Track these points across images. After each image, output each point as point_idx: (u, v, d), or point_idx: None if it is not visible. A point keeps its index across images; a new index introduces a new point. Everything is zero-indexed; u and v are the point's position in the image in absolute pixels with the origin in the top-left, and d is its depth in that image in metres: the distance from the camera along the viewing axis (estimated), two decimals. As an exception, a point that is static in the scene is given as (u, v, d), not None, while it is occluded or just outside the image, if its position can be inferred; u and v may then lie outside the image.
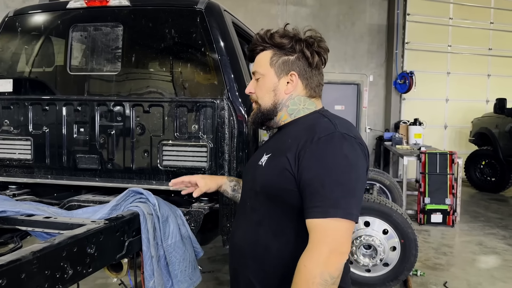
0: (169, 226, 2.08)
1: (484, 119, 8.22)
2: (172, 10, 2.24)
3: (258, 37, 1.38)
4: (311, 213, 1.14)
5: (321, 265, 1.09)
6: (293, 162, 1.20)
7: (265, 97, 1.37)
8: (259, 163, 1.33)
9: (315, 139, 1.19)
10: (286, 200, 1.23)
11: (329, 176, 1.14)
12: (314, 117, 1.35)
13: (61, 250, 1.49)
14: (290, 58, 1.34)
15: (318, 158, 1.17)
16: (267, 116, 1.38)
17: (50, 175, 2.41)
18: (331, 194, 1.13)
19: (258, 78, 1.38)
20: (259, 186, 1.29)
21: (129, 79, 2.27)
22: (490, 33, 9.82)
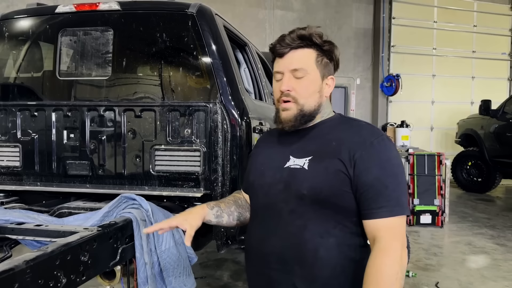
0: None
1: (469, 120, 8.33)
2: (163, 14, 2.22)
3: (298, 34, 1.32)
4: (377, 213, 1.19)
5: (398, 260, 1.15)
6: (348, 164, 1.22)
7: (310, 98, 1.33)
8: (293, 166, 1.30)
9: (368, 143, 1.24)
10: (338, 202, 1.23)
11: (390, 177, 1.21)
12: (344, 119, 1.40)
13: (54, 259, 1.46)
14: (328, 61, 1.35)
15: (376, 160, 1.22)
16: (308, 118, 1.35)
17: (39, 182, 2.36)
18: (394, 194, 1.20)
19: (301, 76, 1.32)
20: (305, 189, 1.25)
21: (120, 84, 2.25)
22: (473, 36, 10.00)
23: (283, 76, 1.33)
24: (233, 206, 1.52)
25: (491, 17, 10.09)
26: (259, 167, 1.43)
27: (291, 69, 1.31)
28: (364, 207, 1.21)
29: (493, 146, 7.38)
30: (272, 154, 1.41)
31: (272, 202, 1.33)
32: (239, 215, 1.52)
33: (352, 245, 1.26)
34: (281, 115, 1.35)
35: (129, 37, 2.27)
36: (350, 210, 1.24)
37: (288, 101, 1.32)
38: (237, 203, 1.54)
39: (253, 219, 1.43)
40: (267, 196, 1.35)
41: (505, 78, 10.42)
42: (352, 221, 1.26)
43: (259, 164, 1.43)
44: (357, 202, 1.23)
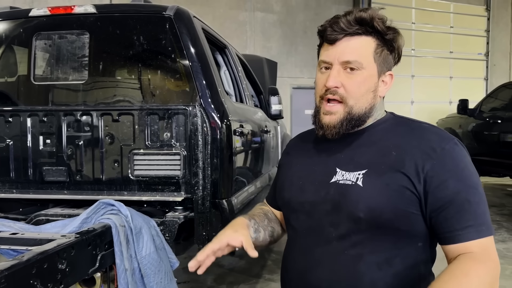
0: (142, 238, 2.03)
1: (448, 119, 8.48)
2: (140, 17, 2.20)
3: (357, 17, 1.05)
4: (462, 235, 0.95)
5: (492, 274, 0.94)
6: (416, 179, 0.99)
7: (363, 98, 1.08)
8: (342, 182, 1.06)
9: (439, 150, 1.00)
10: (402, 225, 1.01)
11: (471, 189, 0.99)
12: (399, 120, 1.16)
13: (30, 267, 1.42)
14: (388, 53, 1.11)
15: (452, 170, 0.99)
16: (357, 123, 1.10)
17: (15, 189, 2.31)
18: (478, 209, 0.98)
19: (354, 69, 1.06)
20: (361, 211, 1.01)
21: (97, 88, 2.21)
22: (450, 36, 10.21)
23: (331, 68, 1.08)
24: (266, 220, 1.29)
25: (467, 18, 10.33)
26: (295, 181, 1.18)
27: (343, 61, 1.06)
28: (444, 230, 0.98)
29: (471, 145, 7.52)
30: (311, 165, 1.17)
31: (317, 225, 1.09)
32: (272, 230, 1.29)
33: (416, 277, 1.04)
34: (323, 119, 1.11)
35: (105, 41, 2.24)
36: (416, 235, 1.03)
37: (334, 100, 1.09)
38: (267, 217, 1.30)
39: (292, 243, 1.18)
40: (310, 217, 1.11)
41: (482, 78, 10.66)
42: (417, 247, 1.04)
43: (295, 178, 1.18)
44: (432, 225, 1.01)
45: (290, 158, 1.29)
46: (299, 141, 1.33)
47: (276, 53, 8.85)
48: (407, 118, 1.17)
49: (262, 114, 3.46)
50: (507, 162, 6.60)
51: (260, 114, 3.36)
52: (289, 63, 9.11)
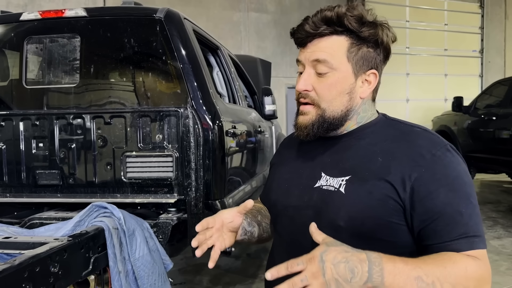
0: (135, 240, 2.03)
1: (443, 117, 8.51)
2: (130, 20, 2.20)
3: (323, 17, 1.00)
4: (452, 245, 0.88)
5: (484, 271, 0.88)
6: (400, 188, 0.92)
7: (335, 101, 1.02)
8: (325, 187, 1.01)
9: (428, 156, 0.93)
10: (385, 235, 0.94)
11: (463, 200, 0.91)
12: (390, 123, 1.09)
13: (22, 271, 1.43)
14: (370, 50, 1.03)
15: (443, 179, 0.92)
16: (331, 126, 1.04)
17: (8, 193, 2.31)
18: (471, 221, 0.90)
19: (325, 72, 1.01)
20: (341, 219, 0.95)
21: (88, 91, 2.22)
22: (445, 34, 10.24)
23: (303, 70, 1.05)
24: (259, 215, 1.22)
25: (461, 16, 10.35)
26: (282, 183, 1.13)
27: (312, 60, 1.02)
28: (432, 241, 0.91)
29: (466, 142, 7.55)
30: (298, 168, 1.12)
31: (299, 232, 1.01)
32: (266, 226, 1.23)
33: None
34: (298, 119, 1.07)
35: (96, 44, 2.24)
36: (402, 245, 0.95)
37: (307, 103, 1.05)
38: (261, 213, 1.23)
39: (276, 249, 1.14)
40: (293, 223, 1.06)
41: (477, 75, 10.69)
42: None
43: (282, 180, 1.14)
44: (419, 235, 0.93)
45: (281, 158, 1.26)
46: (290, 141, 1.29)
47: (271, 53, 8.86)
48: (399, 120, 1.10)
49: (256, 115, 3.47)
50: (502, 159, 6.64)
51: (253, 114, 3.37)
52: (284, 63, 9.11)
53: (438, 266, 0.83)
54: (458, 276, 0.83)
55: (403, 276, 0.80)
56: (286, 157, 1.23)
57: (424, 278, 0.80)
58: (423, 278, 0.80)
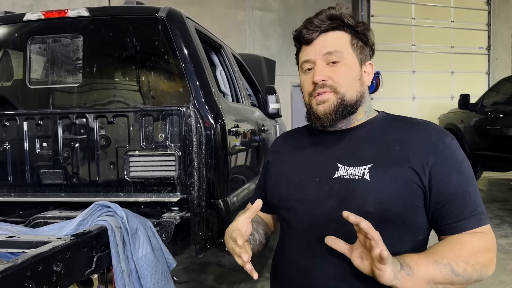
0: (139, 239, 2.04)
1: (449, 115, 8.45)
2: (133, 19, 2.21)
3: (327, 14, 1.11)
4: (465, 224, 1.00)
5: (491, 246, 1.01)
6: (422, 173, 1.01)
7: (351, 86, 1.11)
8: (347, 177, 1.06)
9: (440, 144, 1.04)
10: (409, 219, 1.02)
11: (469, 181, 1.04)
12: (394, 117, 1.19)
13: (25, 270, 1.43)
14: (364, 46, 1.16)
15: (454, 164, 1.03)
16: (352, 110, 1.12)
17: (13, 192, 2.33)
18: (477, 200, 1.03)
19: (337, 61, 1.10)
20: (370, 205, 1.01)
21: (91, 90, 2.23)
22: (451, 31, 10.16)
23: (314, 65, 1.12)
24: (253, 223, 1.22)
25: (467, 12, 10.27)
26: (292, 178, 1.16)
27: (324, 53, 1.10)
28: (448, 221, 1.01)
29: (473, 140, 7.49)
30: (308, 162, 1.16)
31: (320, 222, 1.06)
32: (263, 232, 1.25)
33: None
34: (318, 109, 1.12)
35: (99, 43, 2.25)
36: (419, 228, 1.05)
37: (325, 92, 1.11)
38: (254, 220, 1.25)
39: (289, 243, 1.15)
40: (311, 214, 1.09)
41: (484, 72, 10.61)
42: (418, 241, 1.06)
43: (292, 175, 1.16)
44: (434, 216, 1.03)
45: (281, 156, 1.27)
46: (288, 139, 1.33)
47: (276, 52, 8.84)
48: (401, 115, 1.20)
49: (260, 113, 3.46)
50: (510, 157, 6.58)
51: (257, 113, 3.36)
52: (289, 62, 9.09)
53: (447, 250, 0.96)
54: (468, 255, 0.96)
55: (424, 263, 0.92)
56: (288, 154, 1.25)
57: (440, 260, 0.93)
58: (440, 261, 0.93)
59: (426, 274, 0.92)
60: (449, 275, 0.93)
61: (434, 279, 0.93)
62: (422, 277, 0.91)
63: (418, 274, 0.91)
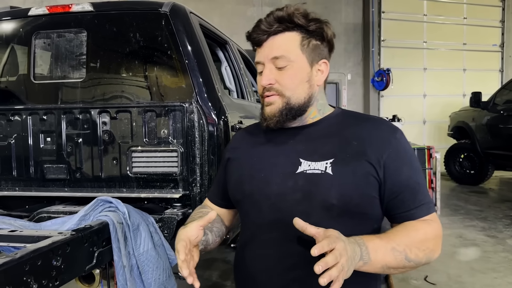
0: (140, 235, 2.04)
1: (461, 113, 8.34)
2: (136, 14, 2.19)
3: (275, 16, 1.13)
4: (416, 213, 1.09)
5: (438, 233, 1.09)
6: (378, 166, 1.07)
7: (298, 89, 1.14)
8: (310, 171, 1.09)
9: (392, 139, 1.11)
10: (367, 209, 1.10)
11: (418, 172, 1.13)
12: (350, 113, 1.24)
13: (23, 264, 1.43)
14: (318, 43, 1.16)
15: (404, 157, 1.11)
16: (297, 112, 1.15)
17: (17, 187, 2.34)
18: (425, 190, 1.12)
19: (284, 66, 1.13)
20: (334, 198, 1.06)
21: (94, 85, 2.22)
22: (464, 28, 10.00)
23: (264, 68, 1.16)
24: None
25: (481, 9, 10.09)
26: (256, 174, 1.18)
27: (271, 58, 1.13)
28: (401, 210, 1.09)
29: (485, 138, 7.39)
30: (271, 157, 1.18)
31: (286, 217, 1.07)
32: (218, 230, 1.28)
33: None
34: (265, 110, 1.17)
35: (102, 38, 2.24)
36: (375, 217, 1.13)
37: (272, 95, 1.15)
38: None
39: (253, 238, 1.18)
40: (276, 209, 1.12)
41: (497, 70, 10.43)
42: (374, 230, 1.14)
43: (255, 171, 1.19)
44: (388, 206, 1.11)
45: (241, 152, 1.29)
46: (247, 135, 1.34)
47: (285, 48, 8.80)
48: (356, 112, 1.27)
49: (266, 110, 3.44)
50: (522, 156, 6.48)
51: (263, 109, 3.34)
52: (299, 58, 9.06)
53: (404, 236, 1.04)
54: (421, 240, 1.05)
55: (382, 250, 0.99)
56: (248, 150, 1.27)
57: (397, 248, 1.01)
58: (396, 248, 1.01)
59: (382, 261, 0.99)
60: (403, 261, 1.02)
61: (388, 264, 1.01)
62: (378, 263, 0.99)
63: (375, 261, 0.98)
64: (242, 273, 1.21)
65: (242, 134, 1.39)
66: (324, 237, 0.90)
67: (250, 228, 1.19)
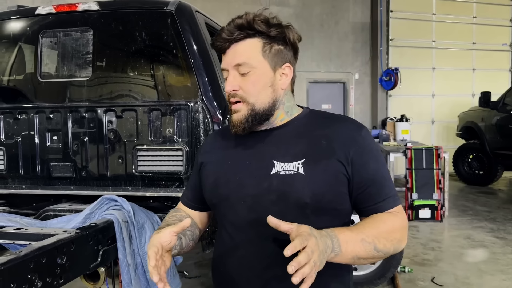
0: (145, 233, 2.04)
1: (470, 113, 8.26)
2: (142, 13, 2.20)
3: (235, 24, 1.14)
4: (383, 205, 1.14)
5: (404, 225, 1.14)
6: (346, 164, 1.12)
7: (261, 95, 1.16)
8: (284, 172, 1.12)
9: (358, 136, 1.16)
10: (338, 205, 1.14)
11: (383, 167, 1.18)
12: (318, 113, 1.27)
13: (27, 262, 1.44)
14: (281, 48, 1.18)
15: (369, 153, 1.15)
16: (263, 117, 1.17)
17: (24, 185, 2.36)
18: (391, 183, 1.17)
19: (247, 72, 1.15)
20: (307, 197, 1.09)
21: (100, 84, 2.23)
22: (473, 27, 9.89)
23: (228, 75, 1.18)
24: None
25: (491, 8, 9.97)
26: (231, 177, 1.20)
27: (234, 65, 1.16)
28: (369, 203, 1.14)
29: (494, 139, 7.31)
30: (244, 160, 1.20)
31: (263, 217, 1.06)
32: (191, 233, 1.26)
33: None
34: (233, 117, 1.19)
35: (108, 37, 2.25)
36: (346, 212, 1.17)
37: (237, 101, 1.18)
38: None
39: (233, 239, 1.18)
40: (252, 211, 1.14)
41: (507, 69, 10.30)
42: (345, 223, 1.17)
43: (231, 174, 1.20)
44: (356, 200, 1.15)
45: (215, 156, 1.29)
46: (218, 138, 1.35)
47: (293, 47, 8.76)
48: (323, 111, 1.30)
49: (272, 109, 3.43)
50: (532, 156, 6.40)
51: (269, 109, 3.33)
52: (305, 57, 9.01)
53: (373, 227, 1.08)
54: (388, 231, 1.09)
55: (352, 241, 1.03)
56: (221, 153, 1.28)
57: (366, 239, 1.05)
58: (366, 239, 1.05)
59: (353, 252, 1.03)
60: (372, 252, 1.06)
61: (358, 255, 1.05)
62: (348, 254, 1.03)
63: (345, 252, 1.02)
64: (221, 275, 1.21)
65: (213, 137, 1.41)
66: (297, 233, 0.93)
67: (228, 230, 1.20)
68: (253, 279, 1.13)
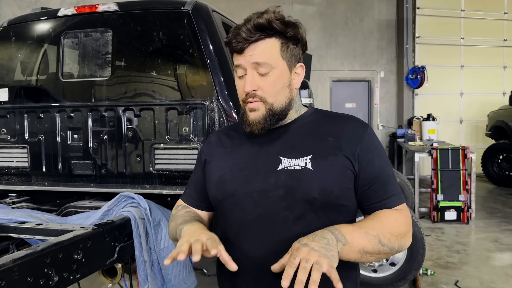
0: (161, 230, 2.06)
1: (500, 112, 8.01)
2: (159, 13, 2.22)
3: (255, 24, 1.13)
4: (388, 203, 1.15)
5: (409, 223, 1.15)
6: (354, 160, 1.14)
7: (280, 95, 1.17)
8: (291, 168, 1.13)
9: (363, 134, 1.18)
10: (345, 201, 1.15)
11: (388, 165, 1.20)
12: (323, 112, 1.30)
13: (44, 257, 1.48)
14: (295, 47, 1.19)
15: (374, 150, 1.18)
16: (280, 117, 1.19)
17: (47, 182, 2.42)
18: (395, 181, 1.18)
19: (266, 72, 1.14)
20: (316, 192, 1.10)
21: (119, 83, 2.27)
22: (504, 23, 9.58)
23: (245, 73, 1.16)
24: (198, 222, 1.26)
25: (523, 3, 9.64)
26: (238, 173, 1.20)
27: (253, 63, 1.14)
28: (373, 200, 1.15)
29: (525, 139, 7.07)
30: (251, 157, 1.21)
31: (269, 212, 1.12)
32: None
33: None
34: (249, 116, 1.18)
35: (127, 37, 2.28)
36: (352, 208, 1.18)
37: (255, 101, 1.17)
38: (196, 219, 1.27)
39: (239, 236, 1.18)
40: (259, 206, 1.14)
41: (540, 67, 9.94)
42: (351, 220, 1.18)
43: (237, 170, 1.21)
44: (361, 197, 1.16)
45: (219, 153, 1.30)
46: (223, 136, 1.34)
47: (316, 46, 8.69)
48: (327, 110, 1.33)
49: (291, 108, 3.41)
50: None
51: (288, 108, 3.32)
52: (329, 56, 8.92)
53: (376, 222, 1.10)
54: (392, 226, 1.11)
55: (357, 233, 1.04)
56: (225, 151, 1.29)
57: (370, 232, 1.06)
58: (370, 232, 1.06)
59: (359, 244, 1.04)
60: (377, 245, 1.06)
61: (365, 248, 1.05)
62: (355, 246, 1.03)
63: (352, 243, 1.02)
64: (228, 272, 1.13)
65: (217, 136, 1.38)
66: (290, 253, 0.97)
67: (233, 227, 1.19)
68: (260, 276, 1.12)
